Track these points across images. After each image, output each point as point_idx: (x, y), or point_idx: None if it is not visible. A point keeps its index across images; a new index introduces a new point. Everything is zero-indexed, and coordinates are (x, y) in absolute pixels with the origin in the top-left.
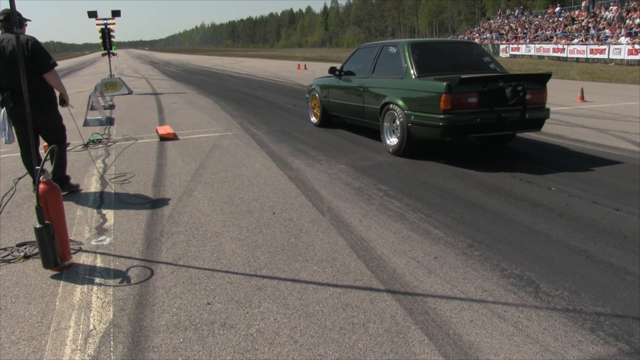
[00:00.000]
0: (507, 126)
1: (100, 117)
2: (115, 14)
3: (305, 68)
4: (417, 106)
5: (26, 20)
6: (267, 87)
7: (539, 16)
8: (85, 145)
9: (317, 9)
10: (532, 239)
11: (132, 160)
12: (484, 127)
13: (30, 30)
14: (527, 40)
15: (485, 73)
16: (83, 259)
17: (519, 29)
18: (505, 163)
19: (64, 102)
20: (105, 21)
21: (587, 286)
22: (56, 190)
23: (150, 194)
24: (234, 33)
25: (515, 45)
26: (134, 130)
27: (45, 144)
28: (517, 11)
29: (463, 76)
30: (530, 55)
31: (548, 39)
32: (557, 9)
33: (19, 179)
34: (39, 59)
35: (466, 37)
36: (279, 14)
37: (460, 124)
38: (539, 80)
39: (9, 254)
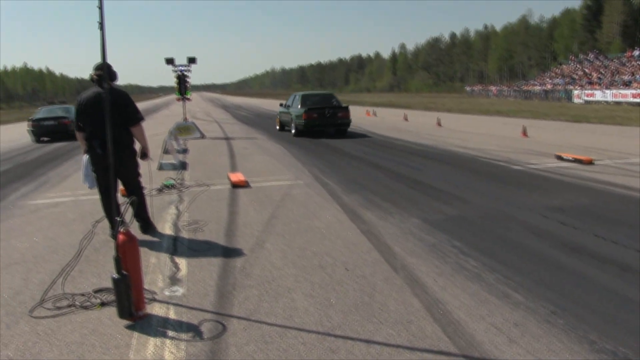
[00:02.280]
0: (329, 126)
1: (174, 162)
2: (191, 61)
3: (375, 114)
4: (298, 117)
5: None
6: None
7: (616, 60)
8: (160, 190)
9: (386, 54)
10: (624, 308)
11: (204, 207)
12: (319, 126)
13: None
14: (603, 86)
15: (327, 106)
16: (156, 309)
17: (594, 74)
18: (587, 221)
19: (145, 155)
20: (181, 68)
21: None
22: (134, 241)
23: (222, 243)
24: (304, 77)
25: (589, 91)
26: (207, 176)
27: (122, 187)
28: (591, 55)
29: (310, 107)
30: (607, 102)
31: (626, 84)
32: (636, 52)
33: (97, 222)
34: (129, 112)
35: (537, 83)
36: (348, 59)
37: (309, 125)
38: (344, 109)
39: (86, 300)
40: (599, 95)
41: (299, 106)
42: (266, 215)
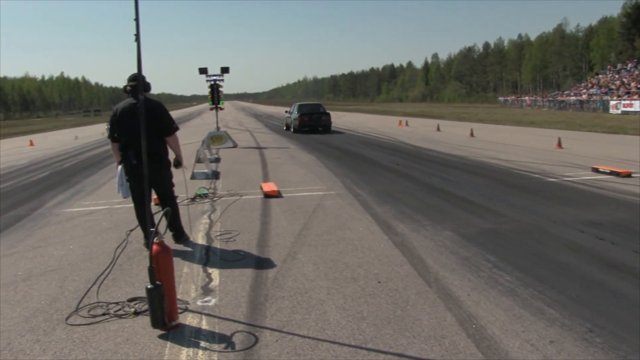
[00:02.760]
0: (315, 127)
1: (206, 171)
2: (224, 70)
3: (407, 124)
4: (294, 120)
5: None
6: (368, 143)
7: None
8: (193, 199)
9: (418, 63)
10: None
11: (237, 217)
12: (308, 127)
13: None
14: None
15: (314, 112)
16: (189, 319)
17: (632, 84)
18: (625, 236)
19: (179, 163)
20: (214, 77)
21: None
22: (168, 252)
23: (254, 254)
24: (335, 87)
25: (627, 102)
26: (239, 185)
27: (155, 196)
28: (629, 65)
29: (302, 113)
30: None
31: None
32: None
33: (131, 231)
34: (164, 122)
35: (572, 93)
36: (380, 69)
37: (302, 125)
38: (326, 114)
39: (120, 309)
40: (637, 105)
41: (296, 112)
42: (298, 225)
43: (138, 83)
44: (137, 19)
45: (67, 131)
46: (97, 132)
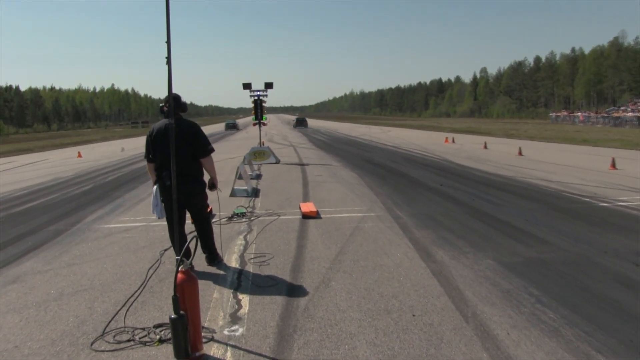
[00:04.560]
0: (305, 125)
1: (246, 188)
2: (268, 86)
3: (453, 141)
4: (298, 123)
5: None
6: (412, 161)
7: None
8: (230, 218)
9: (467, 78)
10: None
11: (273, 239)
12: (298, 126)
13: (192, 96)
14: None
15: (302, 119)
16: (214, 349)
17: None
18: None
19: (214, 185)
20: (258, 93)
21: None
22: (193, 280)
23: (287, 279)
24: (382, 101)
25: None
26: (278, 204)
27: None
28: None
29: (297, 119)
30: None
31: None
32: None
33: (165, 250)
34: (199, 143)
35: (630, 109)
36: (428, 83)
37: (295, 125)
38: (306, 121)
39: (146, 335)
40: None
41: (295, 120)
42: (334, 250)
43: (169, 107)
44: (168, 42)
45: (115, 142)
46: (143, 144)
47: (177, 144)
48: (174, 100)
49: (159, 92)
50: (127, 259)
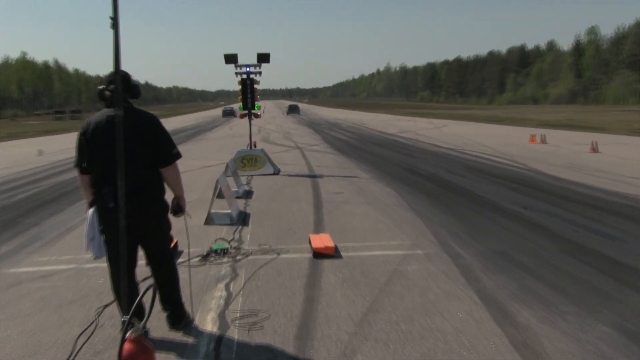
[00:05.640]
0: (296, 111)
1: (229, 212)
2: (262, 58)
3: (543, 141)
4: (291, 109)
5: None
6: (480, 171)
7: None
8: (205, 257)
9: (565, 44)
10: None
11: (268, 288)
12: (289, 113)
13: (148, 74)
14: None
15: (294, 106)
16: None
17: None
18: None
19: (180, 208)
20: (247, 69)
21: None
22: (148, 353)
23: (290, 352)
24: (434, 81)
25: None
26: (277, 237)
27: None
28: None
29: (289, 107)
30: None
31: None
32: None
33: (105, 307)
34: (159, 145)
35: None
36: (504, 53)
37: (287, 112)
38: (298, 107)
39: None
40: None
41: (287, 107)
42: (362, 306)
43: (115, 90)
44: None
45: (29, 142)
46: (72, 144)
47: (127, 147)
48: (122, 80)
49: (98, 68)
50: (45, 322)
